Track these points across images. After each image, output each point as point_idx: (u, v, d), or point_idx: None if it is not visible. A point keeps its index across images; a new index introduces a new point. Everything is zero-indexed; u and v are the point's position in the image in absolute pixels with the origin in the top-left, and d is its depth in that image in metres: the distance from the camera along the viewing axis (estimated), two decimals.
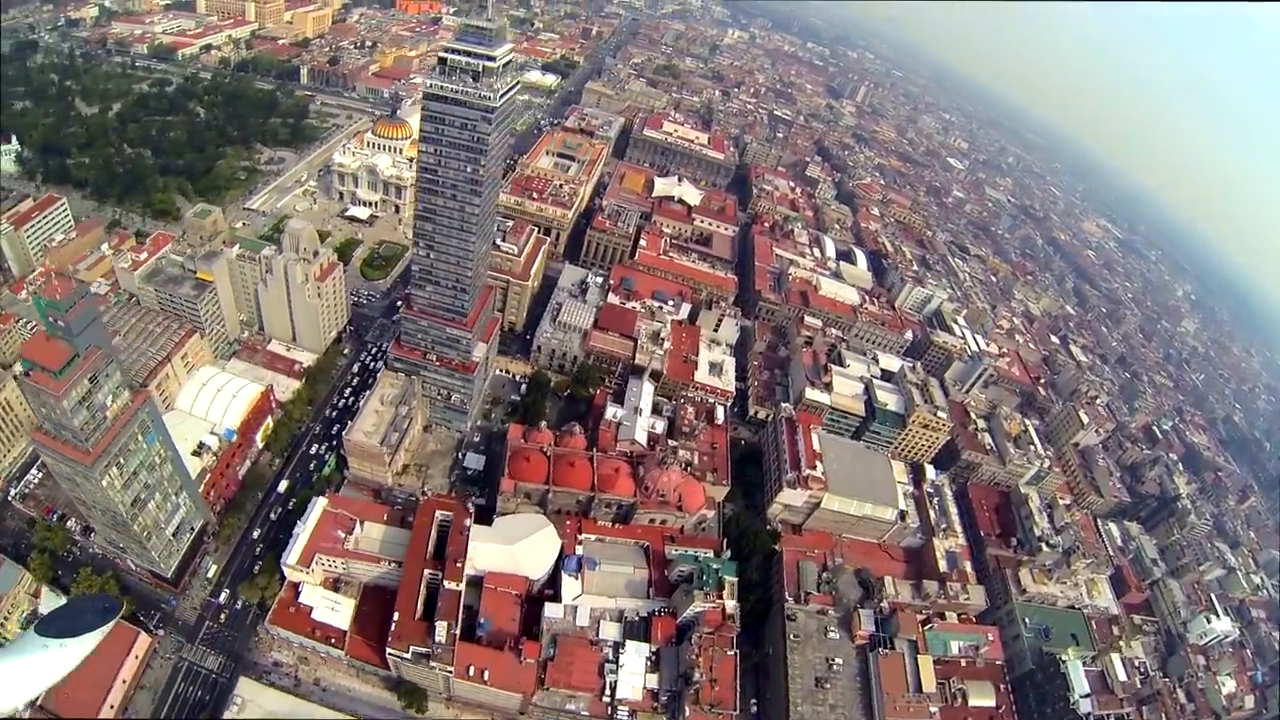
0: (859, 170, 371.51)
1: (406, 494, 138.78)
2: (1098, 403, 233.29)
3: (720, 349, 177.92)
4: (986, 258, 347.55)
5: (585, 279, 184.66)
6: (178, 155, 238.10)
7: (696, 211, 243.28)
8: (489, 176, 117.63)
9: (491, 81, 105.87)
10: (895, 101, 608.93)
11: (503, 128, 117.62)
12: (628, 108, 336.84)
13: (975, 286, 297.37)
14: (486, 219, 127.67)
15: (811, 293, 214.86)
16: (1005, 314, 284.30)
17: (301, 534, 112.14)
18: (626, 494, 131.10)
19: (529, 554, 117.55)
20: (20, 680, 75.12)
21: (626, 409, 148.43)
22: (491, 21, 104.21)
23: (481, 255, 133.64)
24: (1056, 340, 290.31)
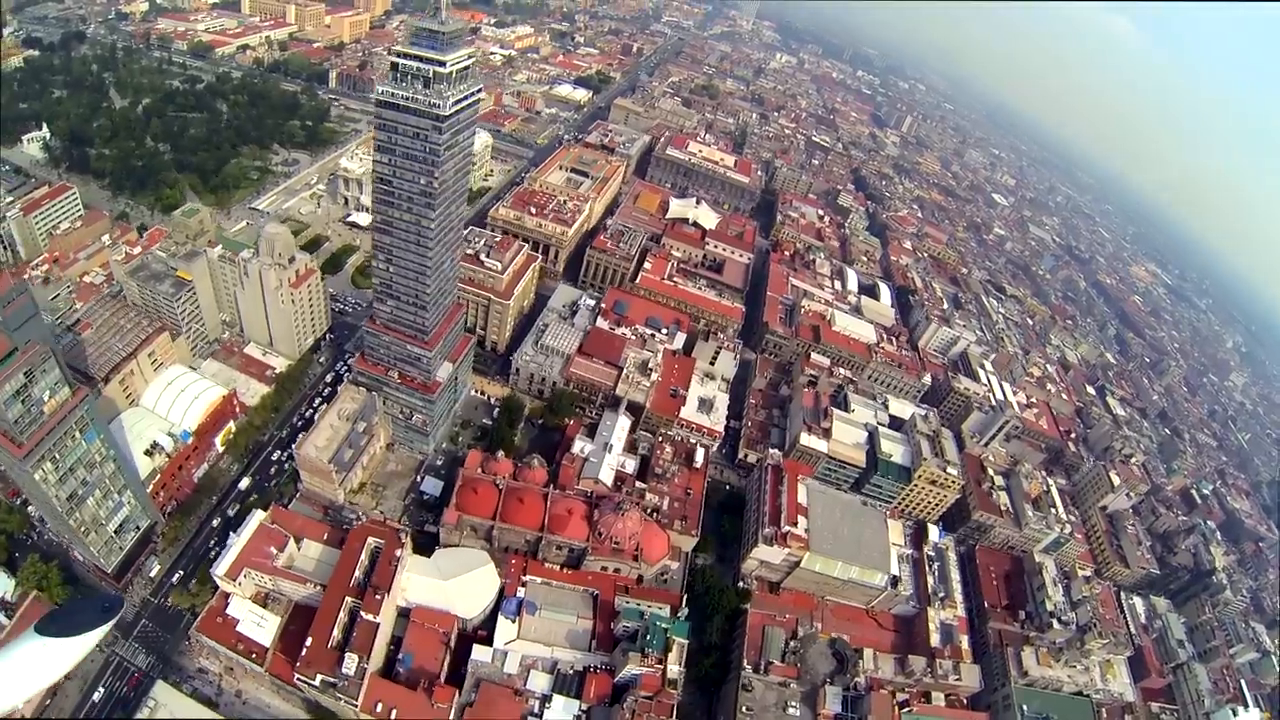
0: (895, 202, 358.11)
1: (358, 514, 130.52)
2: (1132, 462, 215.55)
3: (715, 384, 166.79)
4: (1024, 299, 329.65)
5: (577, 300, 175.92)
6: (194, 152, 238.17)
7: (711, 236, 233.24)
8: (444, 189, 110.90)
9: (443, 88, 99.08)
10: (943, 134, 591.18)
11: (462, 137, 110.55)
12: (656, 126, 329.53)
13: (1008, 329, 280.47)
14: (447, 233, 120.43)
15: (824, 328, 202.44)
16: (1039, 360, 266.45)
17: (234, 546, 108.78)
18: (578, 538, 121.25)
19: (464, 591, 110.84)
20: (20, 680, 75.41)
21: (597, 444, 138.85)
22: (444, 25, 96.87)
23: (444, 271, 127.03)
24: (1092, 391, 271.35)
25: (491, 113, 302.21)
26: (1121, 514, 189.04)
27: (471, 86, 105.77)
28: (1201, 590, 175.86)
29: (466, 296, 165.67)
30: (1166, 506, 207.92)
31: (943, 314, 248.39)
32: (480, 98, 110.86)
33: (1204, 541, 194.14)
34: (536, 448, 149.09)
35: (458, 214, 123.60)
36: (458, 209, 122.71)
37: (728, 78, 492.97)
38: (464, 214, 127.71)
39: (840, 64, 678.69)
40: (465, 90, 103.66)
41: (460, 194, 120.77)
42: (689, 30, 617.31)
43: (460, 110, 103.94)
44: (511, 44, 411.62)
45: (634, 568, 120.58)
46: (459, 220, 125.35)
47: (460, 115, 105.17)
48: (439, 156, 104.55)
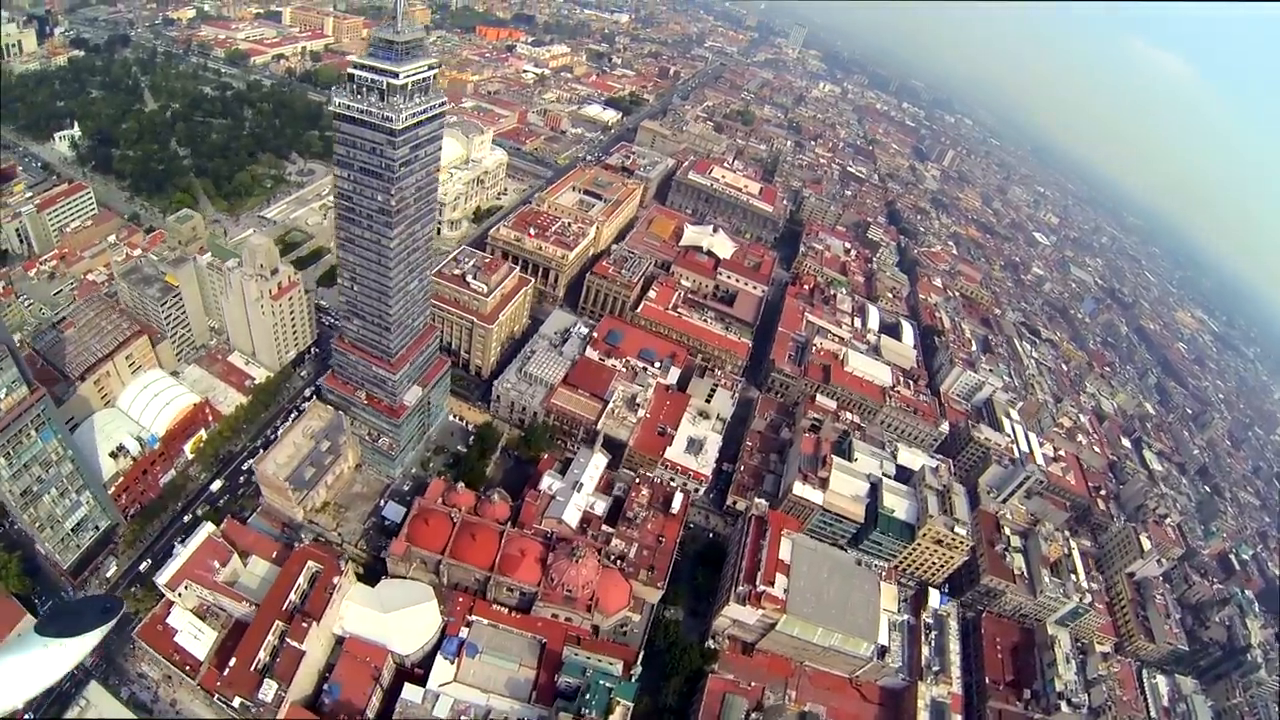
0: (929, 237, 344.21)
1: (316, 534, 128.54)
2: (1167, 522, 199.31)
3: (708, 424, 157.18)
4: (1060, 343, 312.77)
5: (570, 328, 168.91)
6: (212, 158, 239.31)
7: (725, 265, 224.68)
8: (404, 206, 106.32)
9: (397, 101, 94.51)
10: (986, 169, 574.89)
11: (424, 153, 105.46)
12: (683, 150, 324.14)
13: (1040, 375, 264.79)
14: (411, 253, 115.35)
15: (835, 368, 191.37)
16: (1071, 409, 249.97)
17: (179, 556, 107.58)
18: (529, 581, 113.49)
19: (402, 626, 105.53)
20: (20, 680, 75.77)
21: (566, 481, 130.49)
22: (399, 34, 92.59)
23: (411, 293, 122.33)
24: (1128, 444, 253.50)
25: (514, 130, 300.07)
26: (1150, 582, 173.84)
27: (432, 99, 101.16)
28: (1233, 669, 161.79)
29: (450, 318, 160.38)
30: (1201, 574, 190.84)
31: (968, 357, 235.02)
32: (443, 110, 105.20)
33: (1240, 614, 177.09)
34: (509, 480, 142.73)
35: (424, 233, 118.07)
36: (424, 228, 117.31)
37: (766, 104, 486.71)
38: (431, 233, 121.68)
39: (885, 95, 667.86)
40: (424, 103, 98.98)
41: (426, 213, 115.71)
42: (731, 56, 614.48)
43: (418, 124, 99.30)
44: (545, 63, 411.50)
45: (586, 618, 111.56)
46: (425, 240, 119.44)
47: (419, 129, 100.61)
48: (395, 172, 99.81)
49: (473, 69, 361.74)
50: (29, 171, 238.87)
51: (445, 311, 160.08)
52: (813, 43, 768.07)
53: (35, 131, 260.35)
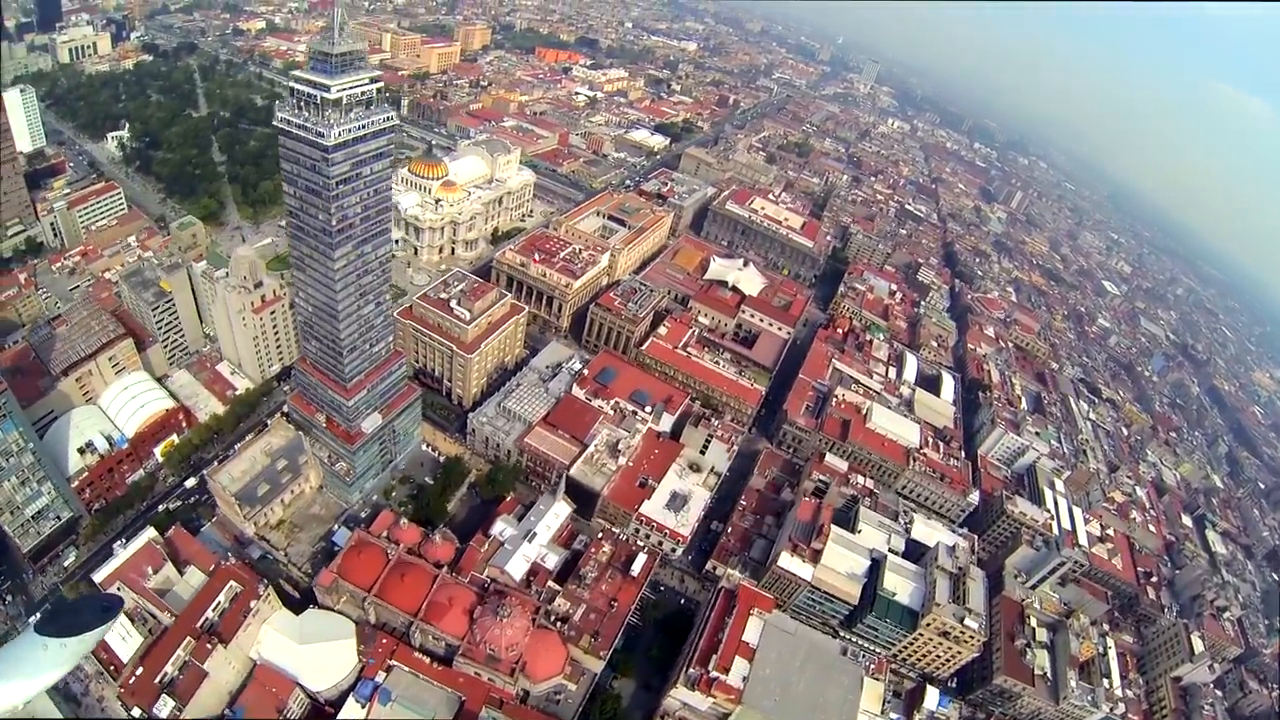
0: (987, 282, 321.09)
1: (264, 552, 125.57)
2: (1226, 616, 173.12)
3: (697, 478, 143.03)
4: (1122, 404, 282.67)
5: (563, 362, 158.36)
6: (244, 165, 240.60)
7: (750, 304, 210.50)
8: (348, 225, 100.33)
9: (330, 115, 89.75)
10: (1057, 213, 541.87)
11: (368, 170, 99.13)
12: (728, 178, 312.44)
13: (1096, 440, 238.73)
14: (361, 275, 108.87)
15: (856, 423, 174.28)
16: (1127, 480, 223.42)
17: (118, 557, 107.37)
18: (453, 632, 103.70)
19: (316, 660, 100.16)
20: (20, 680, 73.27)
21: (521, 528, 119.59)
22: (333, 46, 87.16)
23: (365, 316, 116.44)
24: (1189, 522, 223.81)
25: (552, 152, 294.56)
26: (1199, 689, 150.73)
27: (374, 114, 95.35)
28: None
29: (432, 344, 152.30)
30: (1260, 679, 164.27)
31: (1014, 417, 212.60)
32: (389, 126, 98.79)
33: None
34: (473, 519, 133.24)
35: (377, 254, 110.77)
36: (375, 250, 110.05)
37: (827, 137, 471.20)
38: (387, 256, 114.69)
39: (957, 134, 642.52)
40: (362, 119, 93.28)
41: (376, 233, 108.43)
42: (799, 89, 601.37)
43: (358, 140, 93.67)
44: (600, 86, 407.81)
45: (509, 682, 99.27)
46: (379, 262, 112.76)
47: (360, 146, 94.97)
48: (332, 190, 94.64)
49: (522, 89, 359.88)
50: (76, 168, 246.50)
51: (427, 337, 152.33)
52: (886, 79, 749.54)
53: (92, 130, 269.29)
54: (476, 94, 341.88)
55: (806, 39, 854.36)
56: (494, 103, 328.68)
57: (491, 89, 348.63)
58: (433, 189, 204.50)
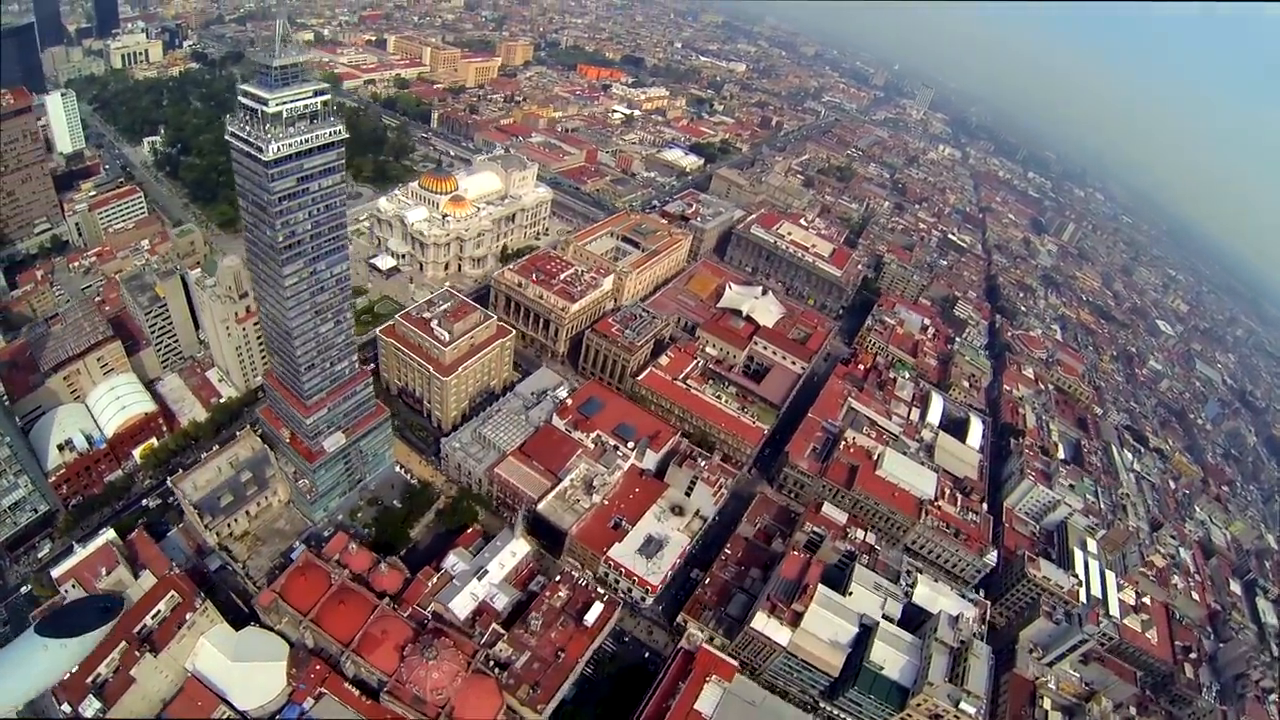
0: (1030, 319, 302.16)
1: (223, 562, 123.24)
2: (1273, 699, 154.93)
3: (678, 522, 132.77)
4: (1171, 454, 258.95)
5: (550, 389, 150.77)
6: None
7: (763, 335, 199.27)
8: (295, 243, 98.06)
9: (270, 130, 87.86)
10: (1112, 247, 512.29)
11: (315, 186, 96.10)
12: (759, 201, 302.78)
13: (1139, 494, 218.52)
14: (317, 293, 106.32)
15: (865, 469, 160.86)
16: (1170, 539, 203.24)
17: (76, 555, 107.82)
18: (384, 667, 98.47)
19: (246, 680, 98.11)
20: (20, 680, 76.00)
21: (474, 563, 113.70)
22: (273, 58, 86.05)
23: (323, 336, 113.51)
24: (1238, 588, 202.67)
25: (577, 169, 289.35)
26: None
27: (320, 129, 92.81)
28: None
29: (412, 364, 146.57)
30: None
31: (1046, 467, 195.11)
32: (336, 140, 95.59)
33: None
34: (436, 548, 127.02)
35: (332, 272, 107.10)
36: (331, 268, 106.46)
37: (872, 162, 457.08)
38: (345, 274, 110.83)
39: (1011, 164, 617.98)
40: (305, 133, 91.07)
41: (331, 251, 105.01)
42: (848, 112, 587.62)
43: (301, 155, 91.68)
44: (639, 104, 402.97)
45: None
46: (336, 280, 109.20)
47: (305, 161, 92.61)
48: (276, 205, 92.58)
49: (556, 105, 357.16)
50: (111, 171, 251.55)
51: (408, 357, 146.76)
52: (942, 106, 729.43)
53: (131, 134, 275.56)
54: (509, 109, 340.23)
55: (862, 64, 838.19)
56: (524, 118, 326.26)
57: (525, 104, 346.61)
58: (441, 204, 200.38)
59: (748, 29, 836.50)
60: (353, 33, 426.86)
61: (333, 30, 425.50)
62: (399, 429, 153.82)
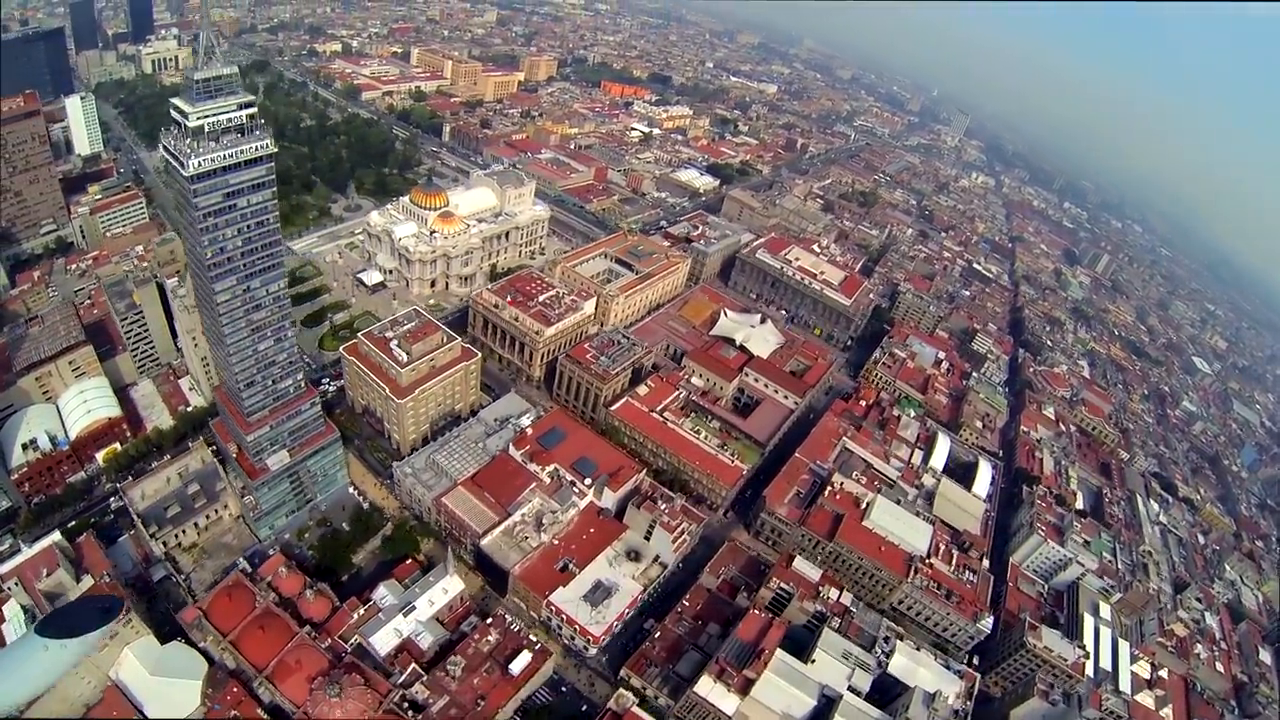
0: (1056, 354, 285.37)
1: (166, 573, 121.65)
2: None
3: (633, 568, 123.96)
4: (1201, 504, 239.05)
5: (514, 416, 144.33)
6: None
7: (756, 366, 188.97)
8: (224, 259, 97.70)
9: (189, 144, 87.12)
10: (1148, 280, 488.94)
11: (243, 203, 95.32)
12: (772, 225, 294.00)
13: (1164, 550, 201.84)
14: (252, 310, 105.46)
15: (851, 519, 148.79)
16: (1195, 603, 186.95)
17: (21, 555, 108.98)
18: (293, 698, 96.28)
19: (162, 694, 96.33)
20: (20, 680, 76.64)
21: (403, 597, 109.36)
22: (194, 71, 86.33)
23: (262, 353, 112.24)
24: (1268, 657, 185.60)
25: (584, 188, 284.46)
26: None
27: (246, 143, 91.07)
28: None
29: (372, 385, 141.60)
30: None
31: (1059, 520, 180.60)
32: (264, 154, 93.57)
33: None
34: (381, 575, 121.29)
35: (268, 290, 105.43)
36: (266, 285, 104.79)
37: (899, 188, 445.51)
38: (281, 291, 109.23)
39: (1046, 193, 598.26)
40: (231, 147, 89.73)
41: (266, 268, 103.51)
42: (880, 137, 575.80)
43: (227, 170, 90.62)
44: (659, 122, 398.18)
45: None
46: (272, 298, 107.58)
47: (229, 176, 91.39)
48: (201, 221, 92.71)
49: (573, 121, 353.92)
50: (124, 174, 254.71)
51: (368, 377, 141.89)
52: (978, 133, 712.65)
53: (150, 139, 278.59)
54: (524, 124, 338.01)
55: (899, 89, 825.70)
56: (536, 133, 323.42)
57: (540, 120, 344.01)
58: (430, 220, 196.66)
59: (784, 51, 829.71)
60: (381, 45, 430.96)
61: (361, 42, 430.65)
62: (359, 449, 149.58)
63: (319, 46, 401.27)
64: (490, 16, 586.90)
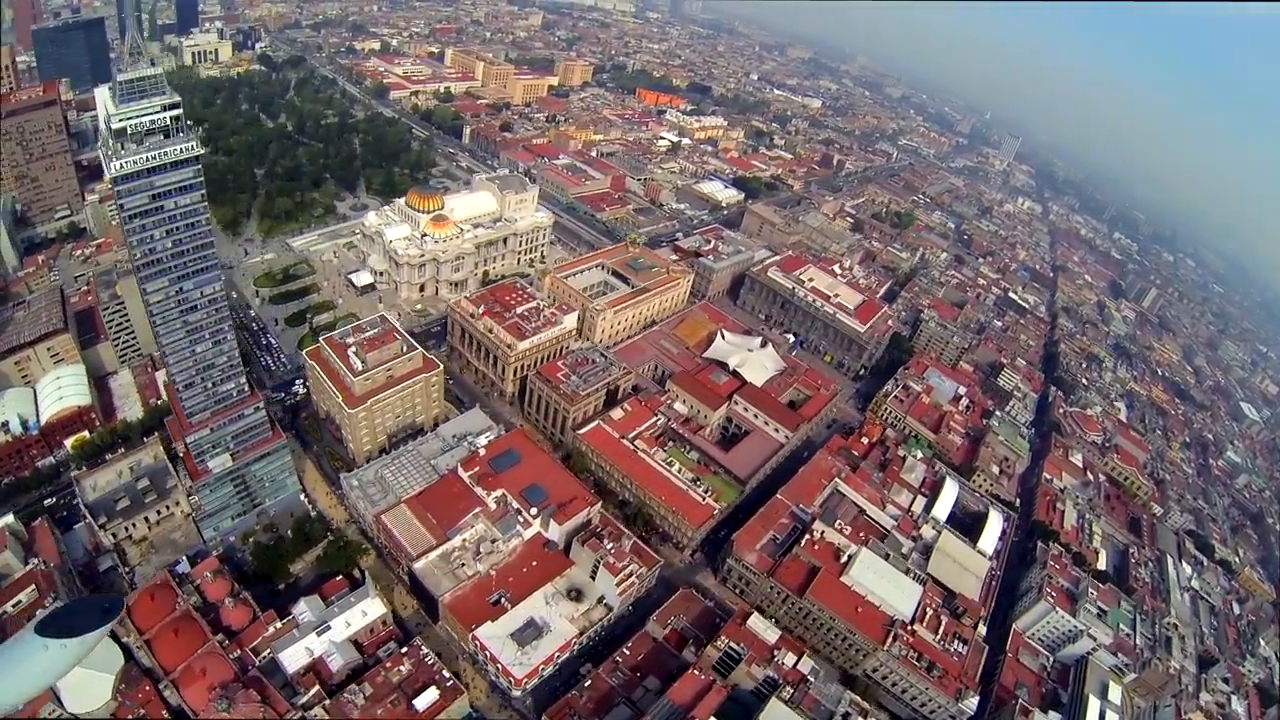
0: (1091, 394, 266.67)
1: (113, 564, 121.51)
2: None
3: (574, 609, 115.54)
4: (1239, 568, 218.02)
5: (473, 434, 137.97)
6: (277, 179, 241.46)
7: (747, 394, 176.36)
8: (154, 260, 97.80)
9: (113, 145, 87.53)
10: (1198, 318, 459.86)
11: (171, 204, 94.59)
12: (793, 243, 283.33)
13: (1193, 619, 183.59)
14: (187, 312, 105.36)
15: (827, 573, 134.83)
16: (1223, 685, 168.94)
17: None
18: (194, 704, 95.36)
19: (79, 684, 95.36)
20: (20, 680, 76.62)
21: (321, 615, 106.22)
22: (119, 72, 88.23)
23: (200, 356, 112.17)
24: None
25: (599, 196, 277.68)
26: None
27: (170, 145, 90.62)
28: None
29: (328, 391, 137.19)
30: None
31: (1073, 585, 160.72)
32: (189, 157, 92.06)
33: None
34: (315, 588, 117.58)
35: (202, 292, 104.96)
36: (200, 286, 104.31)
37: (938, 210, 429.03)
38: (217, 294, 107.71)
39: (1096, 222, 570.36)
40: (155, 149, 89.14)
41: (199, 270, 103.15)
42: (924, 157, 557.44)
43: (152, 172, 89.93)
44: (690, 132, 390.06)
45: None
46: (209, 300, 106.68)
47: (154, 178, 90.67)
48: (128, 223, 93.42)
49: (599, 127, 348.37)
50: None
51: (325, 383, 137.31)
52: (1029, 158, 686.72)
53: None
54: (548, 128, 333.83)
55: (951, 110, 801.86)
56: (556, 138, 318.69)
57: (563, 125, 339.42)
58: (422, 223, 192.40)
59: (835, 67, 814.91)
60: (420, 44, 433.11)
61: (401, 41, 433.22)
62: (317, 456, 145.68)
63: (358, 44, 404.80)
64: (535, 20, 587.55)
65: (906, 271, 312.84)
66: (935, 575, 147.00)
